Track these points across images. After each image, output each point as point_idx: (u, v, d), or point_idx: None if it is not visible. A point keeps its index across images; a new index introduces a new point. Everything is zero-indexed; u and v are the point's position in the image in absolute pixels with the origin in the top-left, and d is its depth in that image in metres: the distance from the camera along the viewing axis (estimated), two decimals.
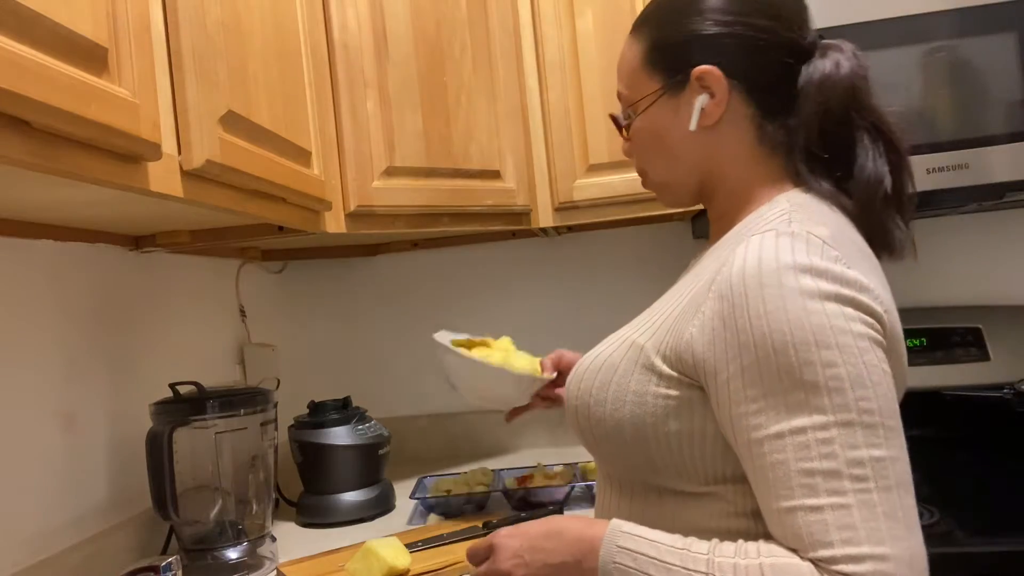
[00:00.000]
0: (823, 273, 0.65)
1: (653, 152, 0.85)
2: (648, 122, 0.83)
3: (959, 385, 1.47)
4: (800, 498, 0.61)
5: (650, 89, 0.82)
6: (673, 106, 0.81)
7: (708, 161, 0.81)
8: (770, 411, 0.64)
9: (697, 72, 0.78)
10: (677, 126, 0.81)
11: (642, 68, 0.83)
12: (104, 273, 1.22)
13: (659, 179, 0.86)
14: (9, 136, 0.58)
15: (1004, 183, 1.26)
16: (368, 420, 1.46)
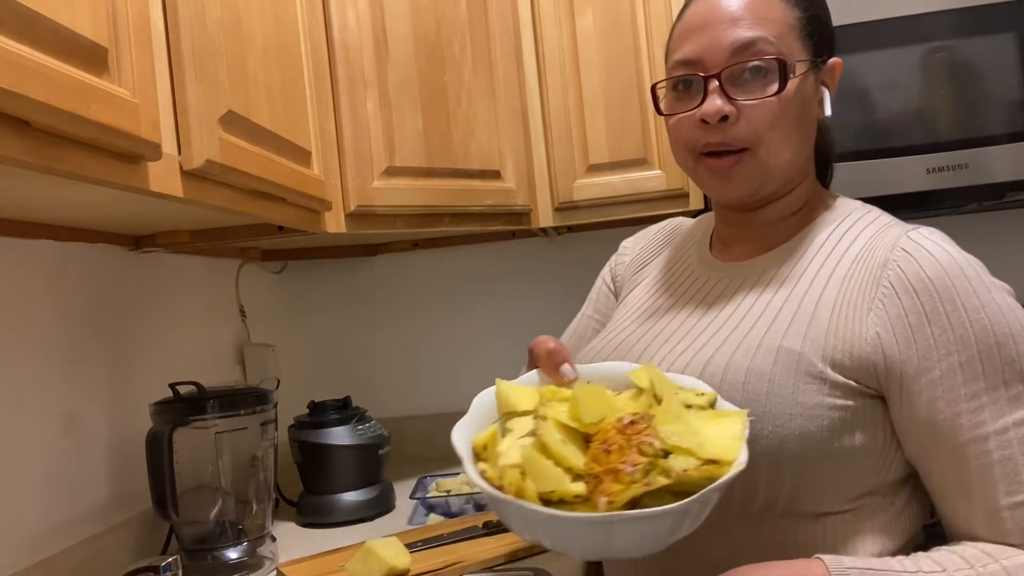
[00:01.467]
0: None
1: (796, 125, 0.75)
2: (802, 90, 0.75)
3: None
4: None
5: (803, 56, 0.75)
6: (815, 84, 0.77)
7: (808, 152, 0.80)
8: (992, 406, 0.63)
9: (833, 63, 0.78)
10: (812, 106, 0.77)
11: (798, 32, 0.75)
12: (104, 273, 1.22)
13: (779, 157, 0.75)
14: (9, 136, 0.58)
15: (1004, 183, 1.26)
16: (368, 420, 1.46)
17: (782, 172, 0.76)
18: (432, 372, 1.89)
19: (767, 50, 0.73)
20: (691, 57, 0.76)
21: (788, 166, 0.76)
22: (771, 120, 0.73)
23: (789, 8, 0.76)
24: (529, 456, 0.58)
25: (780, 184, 0.77)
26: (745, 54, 0.73)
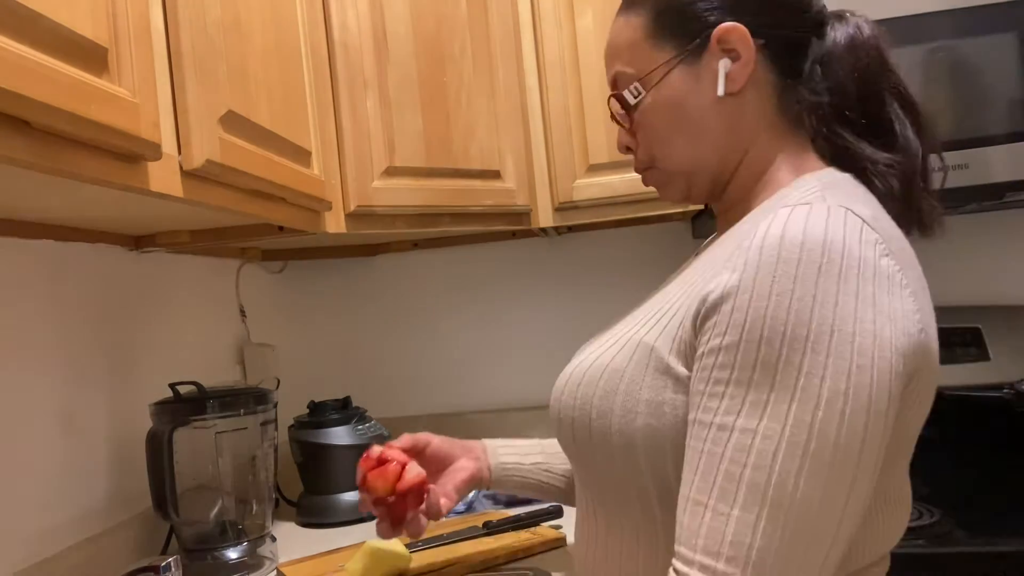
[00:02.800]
0: (854, 259, 0.56)
1: (671, 130, 0.74)
2: (663, 96, 0.74)
3: (959, 385, 1.47)
4: (715, 498, 0.55)
5: (661, 59, 0.73)
6: (693, 74, 0.72)
7: (732, 135, 0.73)
8: (728, 400, 0.56)
9: (720, 31, 0.70)
10: (698, 95, 0.72)
11: (647, 40, 0.75)
12: (104, 273, 1.22)
13: (677, 164, 0.75)
14: (9, 136, 0.58)
15: (1004, 183, 1.26)
16: (368, 420, 1.46)
17: (697, 169, 0.75)
18: (432, 372, 1.89)
19: (619, 82, 0.77)
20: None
21: (697, 163, 0.75)
22: (646, 138, 0.77)
23: (636, 17, 0.76)
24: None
25: (712, 176, 0.75)
26: (613, 89, 0.79)
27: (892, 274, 0.57)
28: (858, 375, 0.54)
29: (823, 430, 0.53)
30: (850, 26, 0.71)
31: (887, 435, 0.56)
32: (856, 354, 0.54)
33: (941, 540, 1.09)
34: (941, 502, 1.19)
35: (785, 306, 0.55)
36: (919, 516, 1.16)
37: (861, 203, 0.62)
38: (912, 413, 0.61)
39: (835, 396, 0.53)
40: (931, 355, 0.60)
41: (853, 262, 0.56)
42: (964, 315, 1.54)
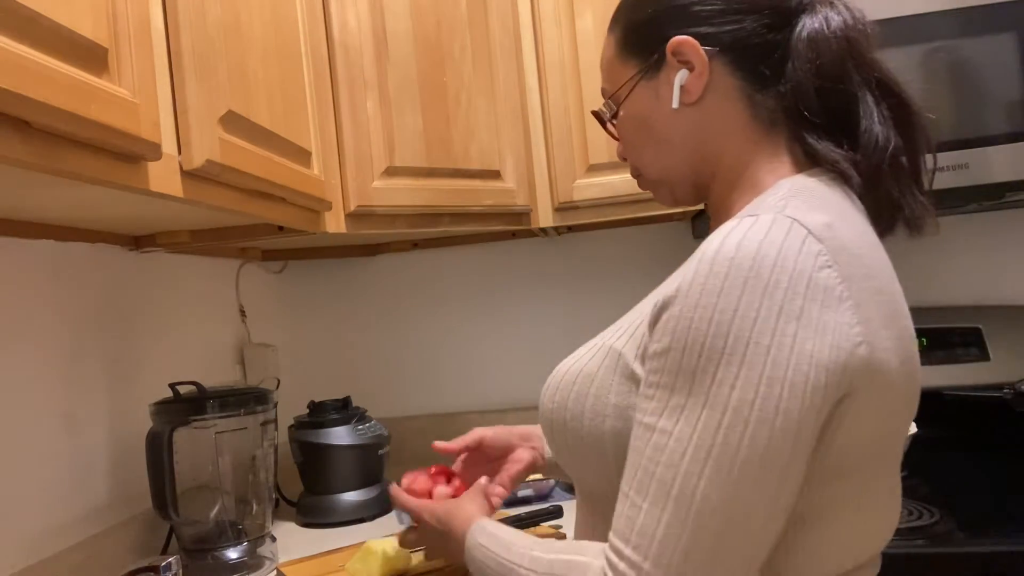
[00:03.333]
0: (785, 272, 0.57)
1: (642, 142, 0.78)
2: (631, 111, 0.77)
3: (959, 385, 1.47)
4: (634, 491, 0.59)
5: (627, 76, 0.77)
6: (653, 88, 0.75)
7: (700, 143, 0.74)
8: (654, 401, 0.60)
9: (671, 45, 0.72)
10: (659, 108, 0.75)
11: (618, 57, 0.78)
12: (104, 273, 1.22)
13: (655, 173, 0.79)
14: (9, 136, 0.58)
15: (1004, 183, 1.26)
16: (368, 420, 1.46)
17: (673, 176, 0.78)
18: (432, 372, 1.89)
19: (604, 96, 0.81)
20: None
21: (673, 171, 0.77)
22: (627, 150, 0.81)
23: (612, 36, 0.80)
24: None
25: (690, 181, 0.77)
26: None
27: (830, 286, 0.58)
28: (767, 387, 0.56)
29: (727, 437, 0.56)
30: (816, 18, 0.69)
31: (802, 446, 0.57)
32: (769, 366, 0.56)
33: (941, 540, 1.09)
34: (941, 502, 1.19)
35: (707, 318, 0.57)
36: (919, 516, 1.16)
37: (820, 210, 0.62)
38: (860, 426, 0.60)
39: (742, 405, 0.56)
40: (877, 369, 0.59)
41: (783, 275, 0.57)
42: (964, 315, 1.54)
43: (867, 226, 0.67)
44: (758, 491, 0.56)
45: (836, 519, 0.63)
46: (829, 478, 0.61)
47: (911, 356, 0.64)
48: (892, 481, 0.69)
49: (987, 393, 1.44)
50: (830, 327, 0.57)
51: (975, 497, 1.24)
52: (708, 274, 0.58)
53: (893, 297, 0.64)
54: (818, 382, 0.56)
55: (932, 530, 1.12)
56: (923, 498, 1.24)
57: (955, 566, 1.05)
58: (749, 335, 0.56)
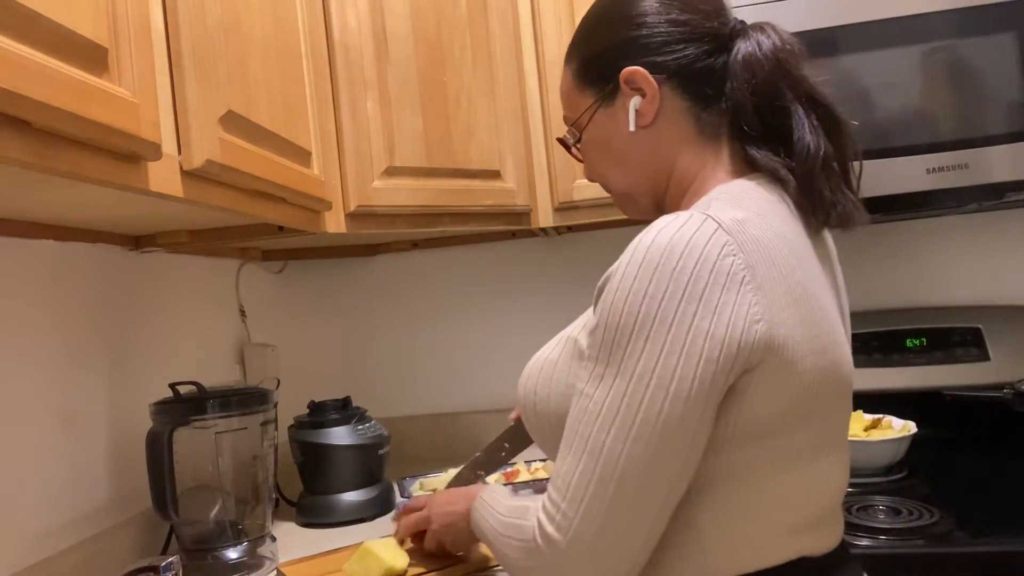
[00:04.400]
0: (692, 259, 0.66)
1: (605, 163, 0.87)
2: (593, 135, 0.87)
3: (959, 385, 1.47)
4: (564, 446, 0.70)
5: (586, 104, 0.86)
6: (610, 114, 0.84)
7: (656, 159, 0.83)
8: (583, 371, 0.70)
9: (624, 75, 0.81)
10: (617, 131, 0.84)
11: (576, 88, 0.88)
12: (104, 273, 1.22)
13: (620, 189, 0.88)
14: (9, 136, 0.58)
15: (1004, 183, 1.26)
16: (368, 420, 1.46)
17: (634, 191, 0.87)
18: (432, 372, 1.89)
19: (566, 122, 0.91)
20: None
21: (633, 186, 0.86)
22: (593, 167, 0.90)
23: (568, 69, 0.90)
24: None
25: (649, 194, 0.86)
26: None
27: (733, 272, 0.66)
28: (666, 358, 0.65)
29: (630, 401, 0.66)
30: (750, 42, 0.79)
31: (695, 410, 0.65)
32: (669, 341, 0.65)
33: (941, 540, 1.09)
34: (941, 502, 1.19)
35: (623, 299, 0.68)
36: (919, 516, 1.16)
37: (737, 208, 0.71)
38: (768, 395, 0.68)
39: (644, 374, 0.66)
40: (780, 344, 0.67)
41: (690, 261, 0.66)
42: (964, 315, 1.54)
43: (786, 222, 0.74)
44: (651, 451, 0.66)
45: (753, 481, 0.70)
46: (742, 442, 0.69)
47: (821, 336, 0.71)
48: (824, 454, 0.74)
49: (987, 393, 1.44)
50: (728, 307, 0.65)
51: (975, 497, 1.24)
52: (629, 262, 0.69)
53: (800, 281, 0.71)
54: (711, 355, 0.65)
55: (932, 530, 1.12)
56: (923, 498, 1.24)
57: (955, 566, 1.05)
58: (656, 314, 0.66)
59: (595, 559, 0.68)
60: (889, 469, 1.36)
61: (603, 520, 0.67)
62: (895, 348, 1.51)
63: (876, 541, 1.10)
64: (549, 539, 0.69)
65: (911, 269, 1.65)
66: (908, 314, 1.56)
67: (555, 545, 0.69)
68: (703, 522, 0.70)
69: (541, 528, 0.70)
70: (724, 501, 0.70)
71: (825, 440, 0.74)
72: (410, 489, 1.44)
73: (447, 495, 1.03)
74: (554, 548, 0.69)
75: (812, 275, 0.73)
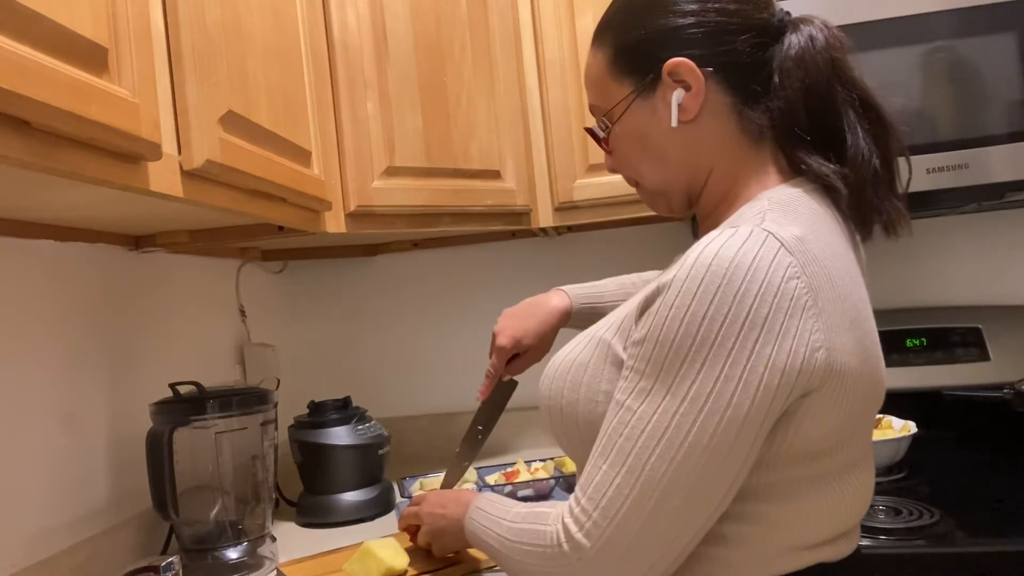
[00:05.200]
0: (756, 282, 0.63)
1: (639, 157, 0.82)
2: (627, 128, 0.81)
3: (959, 385, 1.47)
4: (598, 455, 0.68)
5: (622, 94, 0.80)
6: (649, 106, 0.79)
7: (695, 157, 0.78)
8: (626, 381, 0.68)
9: (668, 66, 0.76)
10: (657, 125, 0.79)
11: (610, 75, 0.81)
12: (104, 273, 1.22)
13: (652, 185, 0.83)
14: (9, 136, 0.58)
15: (1004, 183, 1.26)
16: (368, 420, 1.46)
17: (670, 187, 0.82)
18: (432, 372, 1.89)
19: (595, 111, 0.85)
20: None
21: (670, 182, 0.82)
22: (623, 163, 0.85)
23: (600, 54, 0.82)
24: None
25: (685, 191, 0.82)
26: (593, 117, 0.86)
27: (797, 296, 0.64)
28: (724, 383, 0.63)
29: (680, 423, 0.64)
30: (802, 36, 0.74)
31: (746, 438, 0.64)
32: (728, 367, 0.63)
33: (941, 540, 1.09)
34: (941, 502, 1.19)
35: (680, 317, 0.64)
36: (919, 516, 1.16)
37: (795, 224, 0.68)
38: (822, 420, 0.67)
39: (698, 397, 0.63)
40: (837, 371, 0.65)
41: (754, 285, 0.63)
42: (964, 315, 1.54)
43: (836, 235, 0.72)
44: (699, 473, 0.64)
45: (791, 499, 0.69)
46: (786, 462, 0.68)
47: (871, 356, 0.71)
48: (858, 468, 0.74)
49: (987, 393, 1.44)
50: (791, 333, 0.63)
51: (975, 497, 1.24)
52: (687, 278, 0.65)
53: (855, 303, 0.69)
54: (771, 383, 0.63)
55: (932, 530, 1.12)
56: (923, 498, 1.24)
57: (955, 566, 1.05)
58: (715, 338, 0.63)
59: (624, 569, 0.66)
60: (889, 469, 1.36)
61: (638, 533, 0.65)
62: (895, 348, 1.51)
63: (876, 541, 1.10)
64: (576, 544, 0.67)
65: (911, 269, 1.65)
66: (908, 314, 1.56)
67: (582, 551, 0.67)
68: (731, 533, 0.69)
69: (567, 532, 0.68)
70: (758, 516, 0.69)
71: (860, 455, 0.73)
72: (410, 489, 1.44)
73: (438, 497, 1.01)
74: (581, 554, 0.67)
75: (862, 293, 0.71)
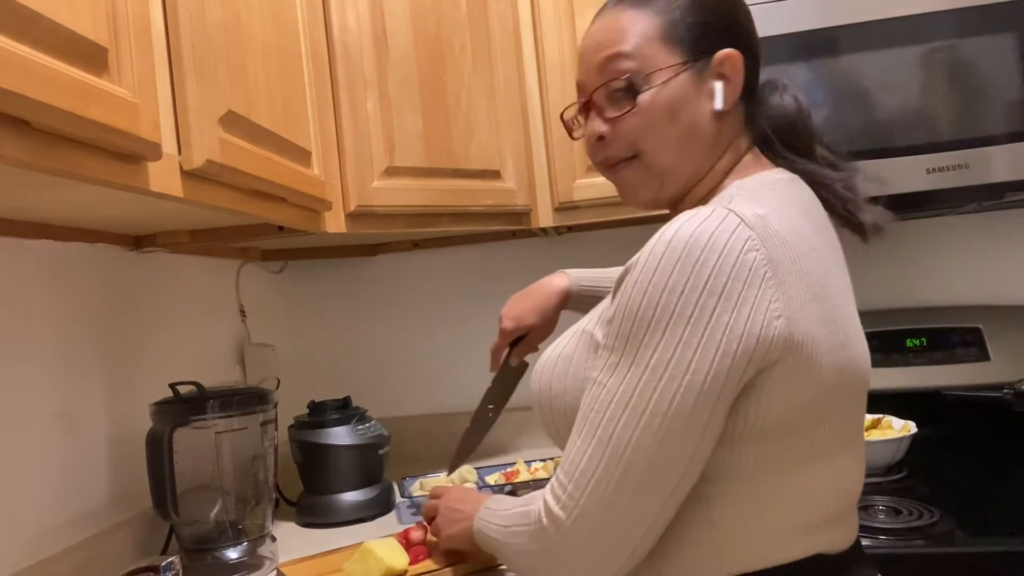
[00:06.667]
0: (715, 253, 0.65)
1: (661, 131, 0.79)
2: (663, 97, 0.78)
3: (959, 385, 1.47)
4: (574, 431, 0.71)
5: (668, 63, 0.78)
6: (695, 84, 0.79)
7: (712, 147, 0.80)
8: (600, 360, 0.71)
9: (724, 55, 0.78)
10: (693, 105, 0.79)
11: (660, 40, 0.79)
12: (104, 273, 1.22)
13: (658, 164, 0.81)
14: (9, 136, 0.58)
15: (1004, 183, 1.26)
16: (368, 420, 1.46)
17: (676, 170, 0.81)
18: (432, 372, 1.89)
19: (622, 67, 0.79)
20: (578, 83, 0.86)
21: (678, 164, 0.81)
22: (638, 131, 0.80)
23: (650, 17, 0.80)
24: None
25: (686, 179, 0.82)
26: (606, 74, 0.80)
27: (755, 267, 0.66)
28: (683, 350, 0.65)
29: (643, 391, 0.66)
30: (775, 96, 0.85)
31: (706, 403, 0.65)
32: (687, 333, 0.65)
33: (941, 540, 1.09)
34: (941, 502, 1.19)
35: (643, 291, 0.67)
36: (919, 516, 1.16)
37: (758, 205, 0.70)
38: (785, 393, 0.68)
39: (659, 365, 0.66)
40: (799, 341, 0.67)
41: (712, 255, 0.65)
42: (964, 315, 1.54)
43: (806, 217, 0.74)
44: (660, 439, 0.66)
45: (769, 478, 0.70)
46: (758, 439, 0.69)
47: (839, 332, 0.71)
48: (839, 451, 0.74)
49: (987, 393, 1.44)
50: (749, 302, 0.65)
51: (975, 497, 1.24)
52: (651, 253, 0.68)
53: (821, 279, 0.71)
54: (728, 349, 0.65)
55: (932, 530, 1.12)
56: (923, 498, 1.23)
57: (955, 566, 1.05)
58: (675, 307, 0.66)
59: (598, 538, 0.69)
60: (889, 469, 1.36)
61: (608, 502, 0.67)
62: (895, 348, 1.51)
63: (876, 541, 1.10)
64: (554, 518, 0.70)
65: (911, 269, 1.65)
66: (908, 314, 1.56)
67: (559, 523, 0.70)
68: (718, 518, 0.71)
69: (547, 507, 0.71)
70: (740, 498, 0.70)
71: (841, 438, 0.74)
72: (410, 489, 1.44)
73: (460, 492, 1.03)
74: (558, 526, 0.70)
75: (829, 271, 0.73)
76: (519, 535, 0.76)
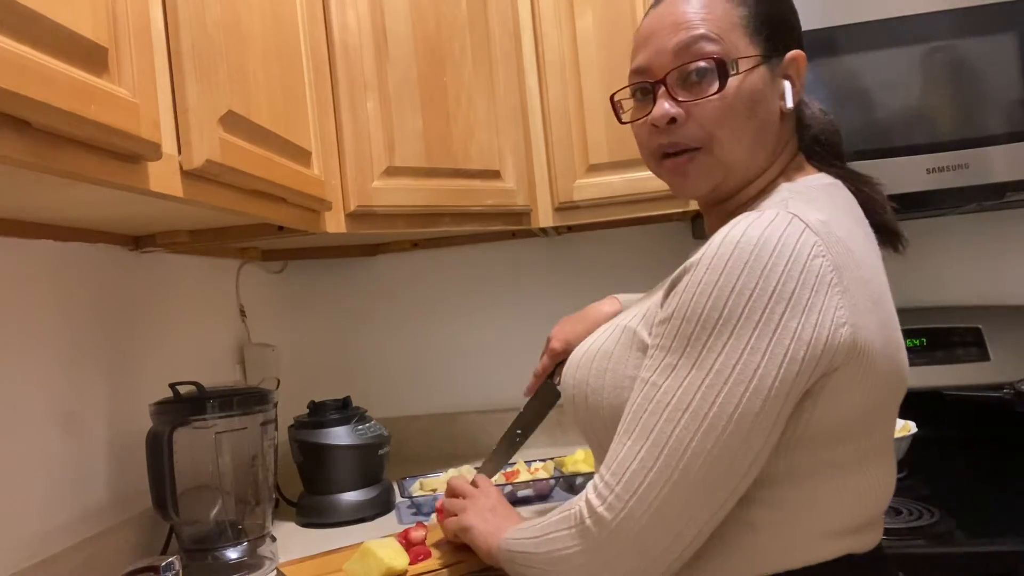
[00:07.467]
0: (783, 258, 0.64)
1: (739, 121, 0.77)
2: (747, 86, 0.77)
3: (959, 385, 1.47)
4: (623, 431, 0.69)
5: (752, 52, 0.77)
6: (769, 80, 0.78)
7: (774, 146, 0.80)
8: (651, 360, 0.69)
9: (795, 55, 0.80)
10: (770, 100, 0.78)
11: (745, 28, 0.78)
12: (104, 273, 1.22)
13: (727, 156, 0.78)
14: (9, 136, 0.58)
15: (1004, 183, 1.26)
16: (368, 420, 1.46)
17: (741, 165, 0.79)
18: (432, 372, 1.89)
19: (707, 50, 0.77)
20: (642, 65, 0.81)
21: (745, 160, 0.79)
22: (718, 117, 0.77)
23: (734, 6, 0.79)
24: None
25: (743, 177, 0.81)
26: (686, 56, 0.77)
27: (822, 273, 0.65)
28: (749, 355, 0.64)
29: (705, 395, 0.65)
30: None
31: (770, 411, 0.64)
32: (755, 339, 0.64)
33: (941, 540, 1.09)
34: (941, 502, 1.19)
35: (708, 292, 0.66)
36: (919, 516, 1.16)
37: (817, 210, 0.70)
38: (843, 399, 0.67)
39: (724, 369, 0.64)
40: (861, 349, 0.66)
41: (781, 261, 0.65)
42: (964, 315, 1.54)
43: (857, 224, 0.75)
44: (721, 445, 0.64)
45: (816, 483, 0.70)
46: (811, 445, 0.68)
47: (892, 340, 0.71)
48: (881, 459, 0.75)
49: (987, 393, 1.44)
50: (817, 308, 0.64)
51: (975, 497, 1.24)
52: (715, 256, 0.66)
53: (878, 286, 0.71)
54: (796, 356, 0.64)
55: (932, 530, 1.12)
56: (923, 498, 1.24)
57: (955, 566, 1.05)
58: (742, 311, 0.64)
59: (643, 542, 0.67)
60: None
61: (659, 507, 0.66)
62: None
63: None
64: (599, 518, 0.68)
65: (911, 269, 1.65)
66: (908, 314, 1.56)
67: (603, 524, 0.68)
68: (758, 519, 0.70)
69: (590, 507, 0.69)
70: (784, 501, 0.69)
71: (884, 442, 0.74)
72: (410, 489, 1.44)
73: (493, 499, 0.99)
74: (602, 527, 0.68)
75: (882, 279, 0.74)
76: (556, 540, 0.74)
